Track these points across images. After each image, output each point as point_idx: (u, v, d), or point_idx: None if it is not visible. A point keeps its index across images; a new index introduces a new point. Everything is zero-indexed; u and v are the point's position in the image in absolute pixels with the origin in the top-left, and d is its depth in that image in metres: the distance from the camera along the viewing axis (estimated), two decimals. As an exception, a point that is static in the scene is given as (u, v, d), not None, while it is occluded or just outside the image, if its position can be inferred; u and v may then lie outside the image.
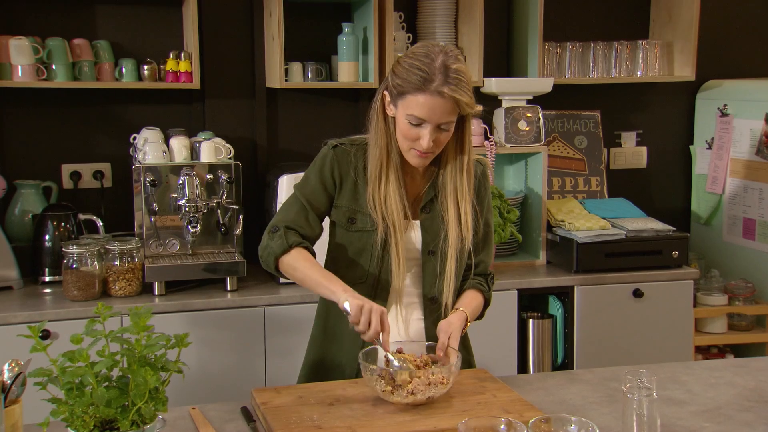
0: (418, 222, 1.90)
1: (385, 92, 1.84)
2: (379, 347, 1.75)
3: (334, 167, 1.90)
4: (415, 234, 1.90)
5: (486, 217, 1.98)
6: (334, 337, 1.95)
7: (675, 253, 3.07)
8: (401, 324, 1.92)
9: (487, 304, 1.98)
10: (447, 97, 1.73)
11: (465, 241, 1.88)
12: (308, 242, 1.89)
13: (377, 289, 1.89)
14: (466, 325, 1.88)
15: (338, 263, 1.91)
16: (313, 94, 3.25)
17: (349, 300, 1.74)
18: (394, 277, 1.87)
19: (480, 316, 1.99)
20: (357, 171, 1.89)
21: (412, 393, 1.67)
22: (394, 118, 1.83)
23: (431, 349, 1.82)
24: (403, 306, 1.92)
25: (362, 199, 1.88)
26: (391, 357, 1.74)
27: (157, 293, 2.71)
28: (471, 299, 1.93)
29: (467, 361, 1.97)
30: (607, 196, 3.51)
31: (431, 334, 1.89)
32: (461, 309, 1.88)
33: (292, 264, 1.85)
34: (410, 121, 1.77)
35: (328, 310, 1.96)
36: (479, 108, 1.83)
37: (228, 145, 2.89)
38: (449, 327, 1.82)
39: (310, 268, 1.84)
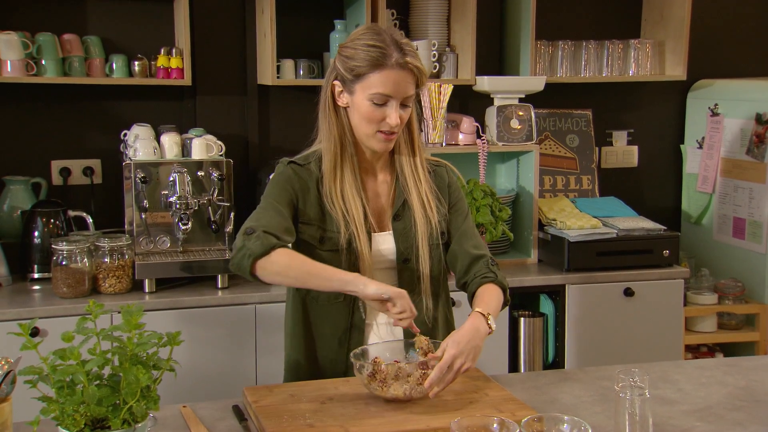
0: (390, 232, 1.88)
1: (335, 82, 1.81)
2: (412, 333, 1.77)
3: (294, 184, 1.84)
4: (388, 244, 1.87)
5: (462, 209, 1.94)
6: (311, 341, 1.91)
7: (666, 252, 3.08)
8: (382, 334, 1.89)
9: (503, 289, 1.88)
10: (410, 68, 1.74)
11: (432, 222, 1.85)
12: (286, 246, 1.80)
13: (353, 305, 1.86)
14: (487, 321, 1.75)
15: None
16: (305, 91, 3.23)
17: (380, 289, 1.67)
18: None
19: (506, 302, 1.89)
20: (317, 184, 1.84)
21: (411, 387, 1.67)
22: (345, 109, 1.81)
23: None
24: (381, 316, 1.88)
25: (327, 215, 1.83)
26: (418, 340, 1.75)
27: (147, 291, 2.70)
28: (483, 295, 1.82)
29: None
30: (598, 194, 3.52)
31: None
32: (476, 310, 1.78)
33: (285, 263, 1.73)
34: (374, 100, 1.75)
35: (296, 312, 1.92)
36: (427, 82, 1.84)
37: (219, 142, 2.87)
38: (451, 336, 1.73)
39: (312, 264, 1.74)
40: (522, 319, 2.99)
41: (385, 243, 1.87)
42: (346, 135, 1.83)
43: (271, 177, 1.90)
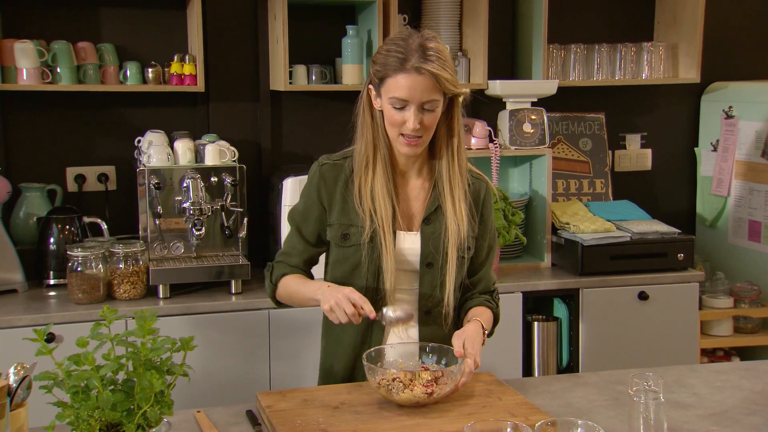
0: (417, 233, 1.88)
1: (370, 86, 1.84)
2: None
3: (321, 187, 1.89)
4: (413, 245, 1.87)
5: (491, 234, 1.96)
6: (340, 342, 1.94)
7: (680, 256, 3.07)
8: (397, 336, 1.90)
9: (496, 320, 1.96)
10: (425, 73, 1.73)
11: (461, 229, 1.86)
12: (295, 269, 1.93)
13: (374, 302, 1.86)
14: (483, 332, 1.84)
15: (335, 282, 1.88)
16: (318, 97, 3.25)
17: (321, 305, 1.78)
18: (386, 280, 1.84)
19: (490, 333, 1.95)
20: (346, 181, 1.87)
21: (426, 390, 1.66)
22: (381, 111, 1.83)
23: (434, 351, 1.81)
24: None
25: (352, 212, 1.86)
26: (383, 311, 1.77)
27: (161, 296, 2.71)
28: (481, 312, 1.90)
29: None
30: (611, 198, 3.51)
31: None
32: (476, 318, 1.85)
33: (285, 296, 1.94)
34: (393, 104, 1.76)
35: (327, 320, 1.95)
36: (466, 91, 1.83)
37: (232, 148, 2.89)
38: (462, 333, 1.80)
39: (296, 291, 1.89)
40: (536, 323, 2.98)
41: (410, 243, 1.87)
42: (380, 137, 1.84)
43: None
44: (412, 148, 1.80)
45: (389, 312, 1.79)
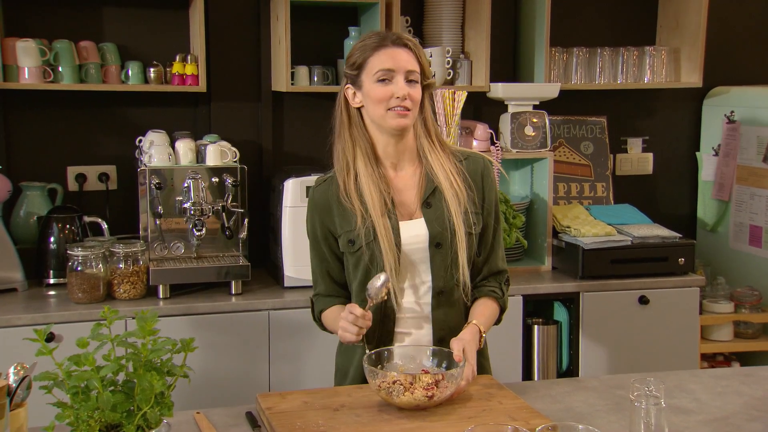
0: (420, 219, 1.89)
1: (347, 87, 1.89)
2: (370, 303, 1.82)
3: (316, 210, 1.94)
4: (419, 231, 1.89)
5: (494, 210, 1.96)
6: (352, 348, 1.95)
7: (681, 260, 3.06)
8: (409, 326, 1.91)
9: (503, 309, 1.98)
10: (405, 45, 1.84)
11: (461, 199, 1.87)
12: (329, 300, 1.98)
13: (384, 304, 1.88)
14: (481, 336, 1.86)
15: (358, 286, 1.91)
16: (319, 98, 3.24)
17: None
18: (388, 269, 1.84)
19: (497, 321, 1.98)
20: (337, 191, 1.90)
21: (426, 393, 1.66)
22: (360, 111, 1.88)
23: (435, 354, 1.81)
24: (407, 313, 1.91)
25: (350, 215, 1.88)
26: (367, 292, 1.79)
27: (161, 296, 2.71)
28: (483, 308, 1.92)
29: (483, 367, 1.97)
30: (612, 202, 3.51)
31: (438, 328, 1.90)
32: (473, 322, 1.87)
33: (327, 327, 1.99)
34: (379, 78, 1.82)
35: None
36: (434, 81, 1.94)
37: (234, 149, 2.88)
38: (461, 339, 1.80)
39: (331, 327, 1.95)
40: (536, 326, 2.98)
41: (415, 230, 1.89)
42: (360, 134, 1.89)
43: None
44: (402, 119, 1.84)
45: (369, 287, 1.80)
